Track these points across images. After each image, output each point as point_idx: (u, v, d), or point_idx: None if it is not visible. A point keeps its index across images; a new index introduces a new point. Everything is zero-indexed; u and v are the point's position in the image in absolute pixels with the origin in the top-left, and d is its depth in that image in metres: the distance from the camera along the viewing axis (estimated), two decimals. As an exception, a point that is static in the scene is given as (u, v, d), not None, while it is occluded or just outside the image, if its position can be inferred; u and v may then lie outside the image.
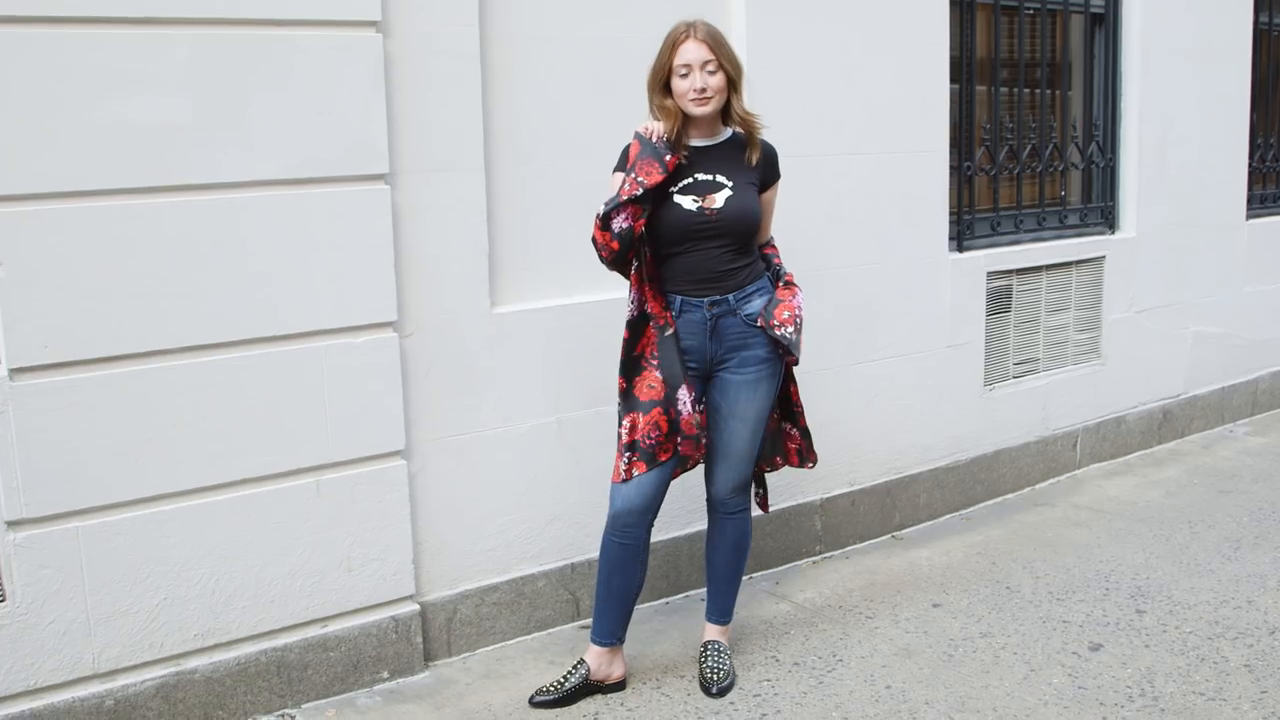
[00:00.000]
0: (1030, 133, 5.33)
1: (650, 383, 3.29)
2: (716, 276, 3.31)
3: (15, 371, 2.91)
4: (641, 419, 3.29)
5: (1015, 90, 5.28)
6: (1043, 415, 5.38)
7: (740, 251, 3.35)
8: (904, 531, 4.83)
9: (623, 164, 3.30)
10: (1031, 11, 5.28)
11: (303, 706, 3.41)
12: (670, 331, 3.28)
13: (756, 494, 3.69)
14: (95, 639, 3.08)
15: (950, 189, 4.88)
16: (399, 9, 3.36)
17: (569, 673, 3.45)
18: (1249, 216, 6.37)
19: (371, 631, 3.50)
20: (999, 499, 5.21)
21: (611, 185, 3.30)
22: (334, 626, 3.45)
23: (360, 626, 3.49)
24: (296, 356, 3.29)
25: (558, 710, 3.39)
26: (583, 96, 3.82)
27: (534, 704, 3.40)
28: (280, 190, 3.21)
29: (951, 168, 4.89)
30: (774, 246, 3.57)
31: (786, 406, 3.56)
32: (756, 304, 3.36)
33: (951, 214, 4.91)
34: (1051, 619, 3.94)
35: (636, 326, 3.31)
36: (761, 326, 3.33)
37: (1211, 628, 3.85)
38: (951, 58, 4.80)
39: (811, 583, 4.31)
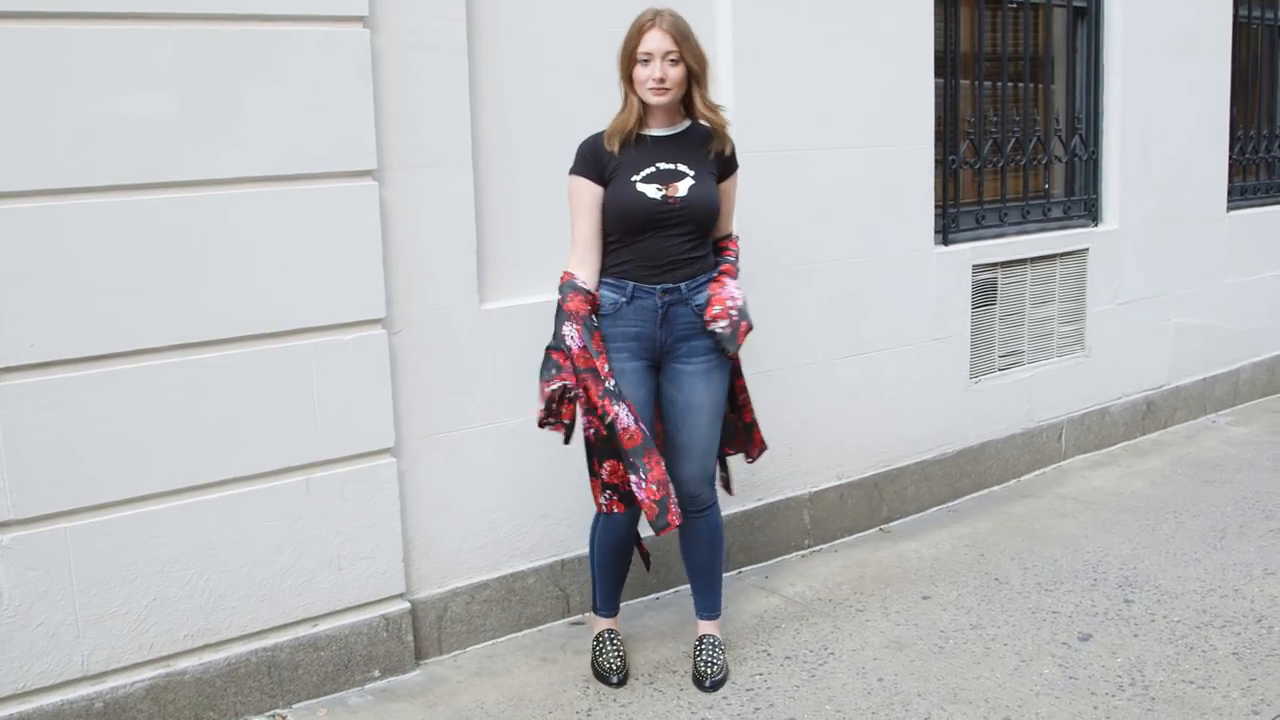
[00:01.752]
0: (1014, 126, 5.35)
1: (630, 433, 3.26)
2: (673, 264, 3.31)
3: (2, 371, 2.88)
4: (622, 466, 3.30)
5: (999, 84, 5.29)
6: (1028, 407, 5.40)
7: (700, 241, 3.37)
8: (892, 524, 4.84)
9: (580, 166, 3.30)
10: (1014, 5, 5.29)
11: (294, 706, 3.39)
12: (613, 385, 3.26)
13: (721, 478, 3.68)
14: (84, 640, 3.05)
15: (935, 182, 4.89)
16: (386, 4, 3.34)
17: (609, 647, 3.55)
18: (1229, 209, 6.41)
19: (362, 630, 3.49)
20: (985, 491, 5.22)
21: (571, 196, 3.31)
22: (324, 626, 3.43)
23: (351, 625, 3.47)
24: (285, 354, 3.27)
25: (549, 707, 3.38)
26: (571, 90, 3.81)
27: (616, 685, 3.48)
28: (268, 186, 3.19)
29: (936, 161, 4.90)
30: (735, 240, 3.53)
31: (731, 397, 3.54)
32: (706, 295, 3.37)
33: (937, 207, 4.92)
34: (1041, 610, 3.96)
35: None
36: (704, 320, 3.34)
37: (1199, 616, 3.88)
38: (936, 52, 4.81)
39: (801, 576, 4.31)
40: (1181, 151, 5.99)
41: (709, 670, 3.48)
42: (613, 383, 3.22)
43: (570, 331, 3.24)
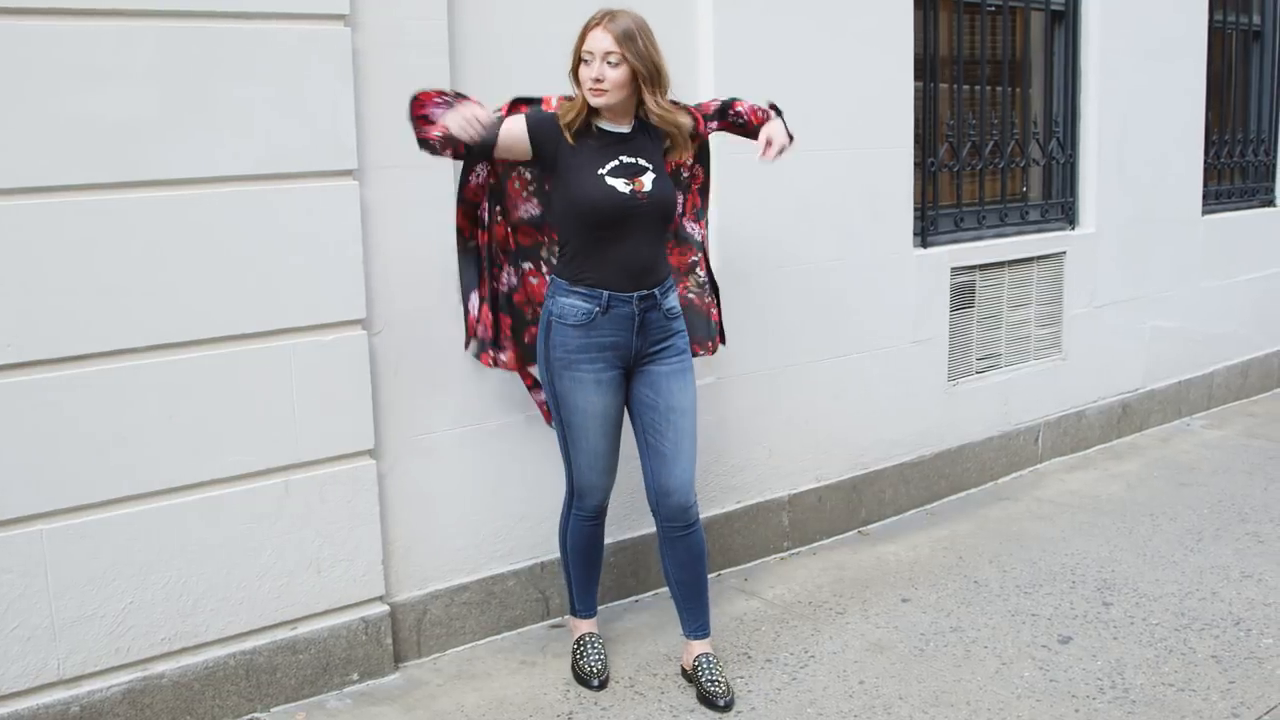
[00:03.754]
0: (992, 129, 5.37)
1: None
2: (645, 268, 3.28)
3: (-24, 371, 2.85)
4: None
5: (977, 87, 5.31)
6: (1005, 410, 5.42)
7: (662, 239, 3.38)
8: (870, 526, 4.84)
9: (533, 114, 3.29)
10: (993, 8, 5.31)
11: (272, 710, 3.36)
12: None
13: None
14: (60, 644, 3.01)
15: (914, 185, 4.89)
16: (367, 2, 3.31)
17: (590, 650, 3.55)
18: (1204, 212, 6.45)
19: (341, 633, 3.46)
20: (962, 493, 5.23)
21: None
22: (303, 628, 3.40)
23: (330, 628, 3.44)
24: (265, 355, 3.24)
25: (530, 711, 3.36)
26: (552, 92, 3.77)
27: (597, 688, 3.47)
28: (248, 186, 3.15)
29: (915, 164, 4.91)
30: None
31: None
32: (673, 298, 3.38)
33: (915, 210, 4.93)
34: (1020, 612, 3.97)
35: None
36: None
37: (1178, 619, 3.89)
38: (915, 55, 4.82)
39: (780, 579, 4.31)
40: (1157, 155, 6.02)
41: (719, 690, 3.38)
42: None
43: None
